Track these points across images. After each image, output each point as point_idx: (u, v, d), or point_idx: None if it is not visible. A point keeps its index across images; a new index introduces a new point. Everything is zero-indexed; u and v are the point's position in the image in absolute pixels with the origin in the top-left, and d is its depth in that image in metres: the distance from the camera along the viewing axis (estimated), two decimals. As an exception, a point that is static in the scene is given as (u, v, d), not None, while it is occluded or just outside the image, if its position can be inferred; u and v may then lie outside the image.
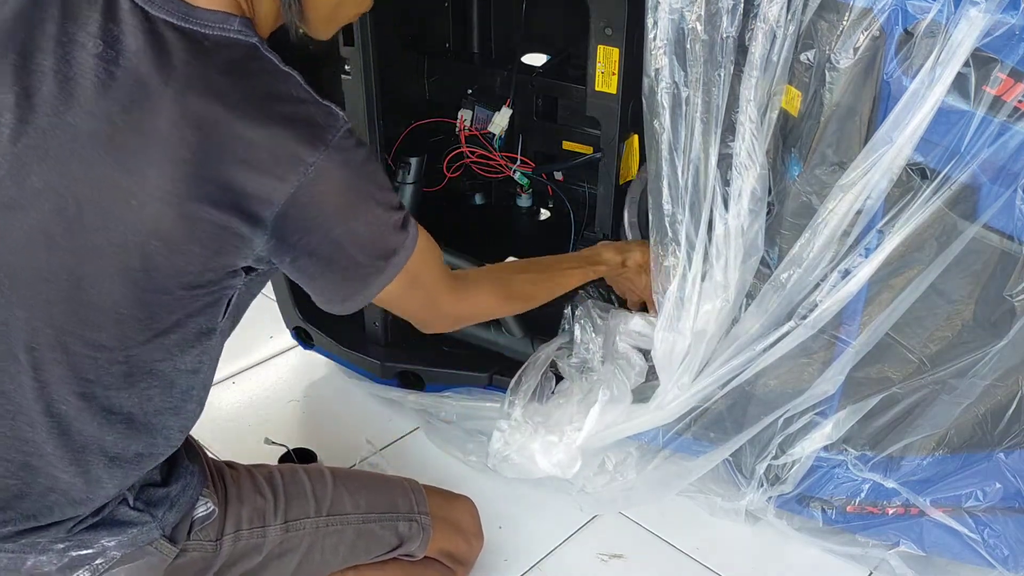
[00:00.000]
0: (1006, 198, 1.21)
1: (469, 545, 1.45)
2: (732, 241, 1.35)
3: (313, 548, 1.26)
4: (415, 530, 1.34)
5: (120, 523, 1.08)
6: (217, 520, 1.17)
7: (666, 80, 1.32)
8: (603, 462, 1.62)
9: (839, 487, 1.51)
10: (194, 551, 1.15)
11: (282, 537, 1.23)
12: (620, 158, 1.64)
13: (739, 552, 1.63)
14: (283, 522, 1.23)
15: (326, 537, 1.27)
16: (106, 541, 1.07)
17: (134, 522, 1.09)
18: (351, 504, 1.30)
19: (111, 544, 1.07)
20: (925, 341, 1.36)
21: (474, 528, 1.46)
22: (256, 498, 1.22)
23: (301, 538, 1.24)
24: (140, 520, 1.09)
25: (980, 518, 1.47)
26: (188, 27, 0.96)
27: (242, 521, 1.20)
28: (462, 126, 1.94)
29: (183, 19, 0.96)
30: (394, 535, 1.33)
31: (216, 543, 1.17)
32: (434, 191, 1.97)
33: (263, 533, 1.21)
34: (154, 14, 0.95)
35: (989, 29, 1.10)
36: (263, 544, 1.21)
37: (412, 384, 1.91)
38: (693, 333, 1.41)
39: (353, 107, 1.68)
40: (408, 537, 1.34)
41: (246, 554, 1.20)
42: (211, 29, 0.96)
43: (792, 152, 1.31)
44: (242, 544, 1.19)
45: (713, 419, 1.53)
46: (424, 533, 1.35)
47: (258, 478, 1.26)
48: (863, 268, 1.27)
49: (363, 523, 1.30)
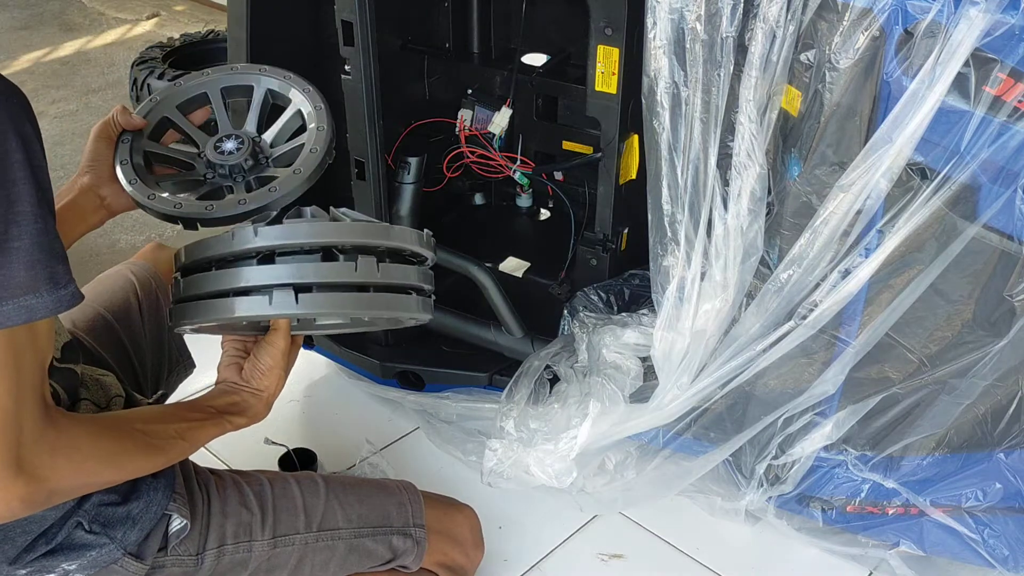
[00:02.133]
0: (1006, 198, 1.21)
1: (467, 557, 1.40)
2: (731, 241, 1.35)
3: (303, 563, 1.22)
4: (409, 544, 1.30)
5: (77, 547, 1.04)
6: (199, 534, 1.14)
7: (666, 80, 1.32)
8: (603, 462, 1.62)
9: (839, 487, 1.51)
10: (173, 566, 1.12)
11: (269, 553, 1.19)
12: (620, 158, 1.64)
13: (739, 552, 1.63)
14: (271, 537, 1.19)
15: (316, 553, 1.22)
16: (66, 565, 1.04)
17: (91, 545, 1.05)
18: (343, 518, 1.25)
19: (72, 568, 1.04)
20: (925, 341, 1.36)
21: (473, 539, 1.41)
22: (242, 512, 1.18)
23: (290, 554, 1.20)
24: (97, 543, 1.05)
25: (980, 518, 1.47)
26: None
27: (226, 536, 1.16)
28: (462, 126, 1.94)
29: None
30: (387, 549, 1.28)
31: (198, 557, 1.13)
32: (434, 191, 1.97)
33: (249, 548, 1.17)
34: None
35: (989, 29, 1.10)
36: (249, 559, 1.17)
37: (412, 384, 1.91)
38: (692, 333, 1.41)
39: (353, 107, 1.68)
40: (402, 551, 1.29)
41: (231, 569, 1.16)
42: None
43: (792, 152, 1.31)
44: (227, 559, 1.16)
45: (713, 419, 1.53)
46: (419, 547, 1.30)
47: (245, 489, 1.21)
48: (863, 268, 1.27)
49: (355, 538, 1.25)
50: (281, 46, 1.74)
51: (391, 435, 1.91)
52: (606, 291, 1.71)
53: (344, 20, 1.58)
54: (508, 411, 1.59)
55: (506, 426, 1.57)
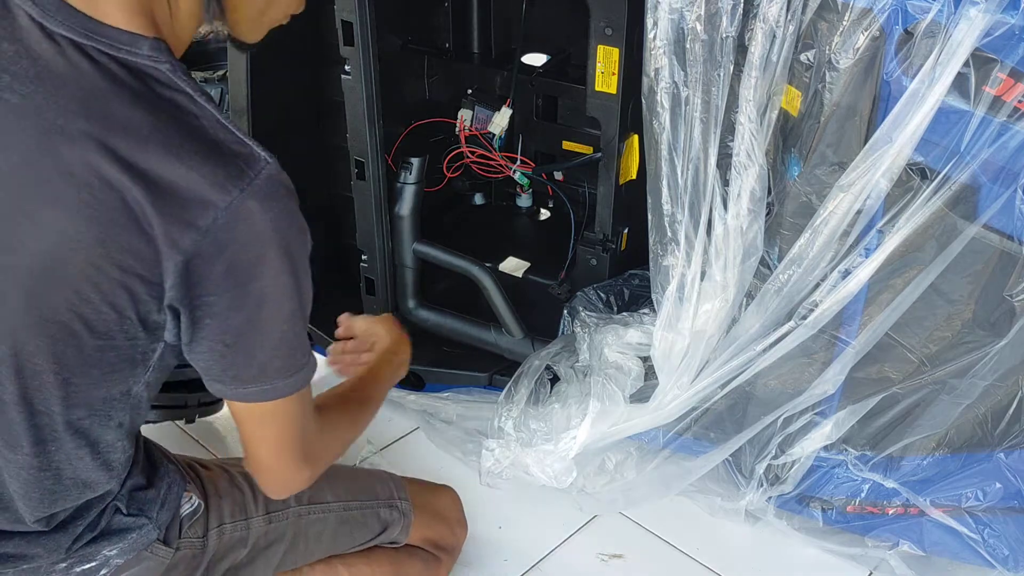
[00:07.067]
0: (1006, 198, 1.21)
1: (452, 532, 1.45)
2: (731, 241, 1.35)
3: (297, 537, 1.26)
4: (396, 516, 1.35)
5: (118, 531, 1.08)
6: (202, 516, 1.17)
7: (666, 80, 1.32)
8: (603, 462, 1.62)
9: (839, 487, 1.51)
10: (185, 549, 1.15)
11: (265, 528, 1.23)
12: (620, 158, 1.64)
13: (739, 552, 1.63)
14: (265, 513, 1.23)
15: (309, 526, 1.27)
16: (107, 551, 1.07)
17: (131, 527, 1.08)
18: (331, 493, 1.30)
19: (113, 553, 1.08)
20: (925, 341, 1.36)
21: (457, 515, 1.47)
22: (234, 492, 1.22)
23: (285, 528, 1.25)
24: (137, 524, 1.09)
25: (980, 518, 1.47)
26: (92, 45, 0.87)
27: (224, 515, 1.19)
28: (462, 126, 1.94)
29: (86, 36, 0.86)
30: (376, 520, 1.34)
31: (203, 539, 1.17)
32: (434, 191, 1.97)
33: (247, 526, 1.21)
34: (53, 30, 0.87)
35: (989, 29, 1.10)
36: (248, 536, 1.21)
37: (412, 384, 1.91)
38: (692, 333, 1.41)
39: (353, 107, 1.68)
40: (390, 522, 1.35)
41: (232, 548, 1.20)
42: (118, 51, 0.87)
43: (792, 152, 1.31)
44: (227, 538, 1.19)
45: (713, 419, 1.53)
46: (405, 518, 1.36)
47: (232, 472, 1.25)
48: (863, 268, 1.27)
49: (344, 510, 1.31)
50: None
51: (391, 435, 1.90)
52: (606, 291, 1.71)
53: (344, 20, 1.58)
54: (507, 411, 1.59)
55: (504, 426, 1.57)
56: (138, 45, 0.87)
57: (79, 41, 0.87)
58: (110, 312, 0.90)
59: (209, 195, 0.85)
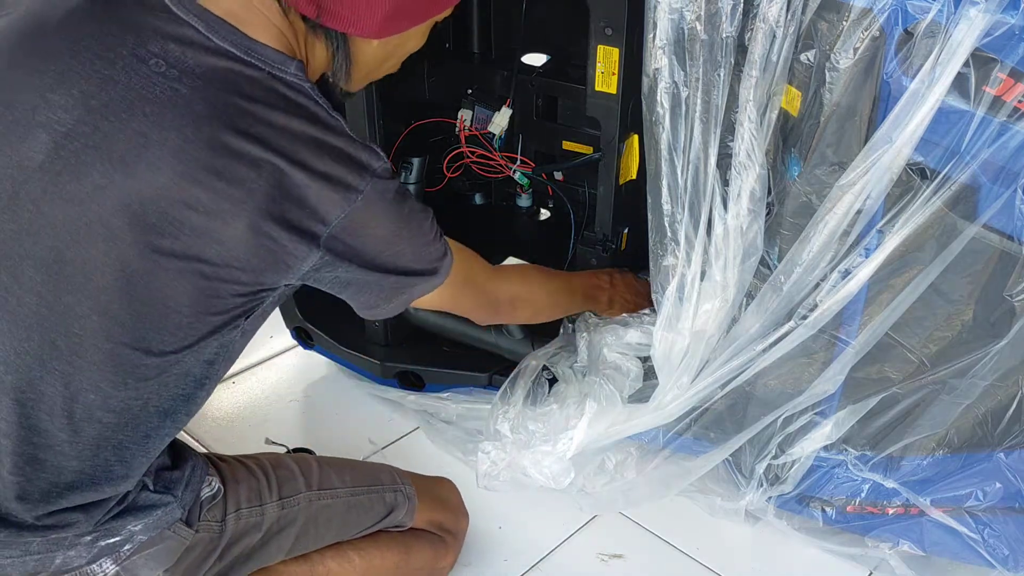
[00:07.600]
0: (1006, 198, 1.21)
1: (456, 517, 1.51)
2: (731, 241, 1.35)
3: (308, 522, 1.32)
4: (400, 499, 1.42)
5: (144, 507, 1.14)
6: (221, 500, 1.24)
7: (666, 80, 1.32)
8: (603, 462, 1.62)
9: (839, 487, 1.51)
10: (203, 532, 1.21)
11: (279, 513, 1.29)
12: (620, 158, 1.64)
13: (739, 552, 1.63)
14: (278, 499, 1.30)
15: (320, 511, 1.34)
16: (132, 526, 1.13)
17: (156, 504, 1.15)
18: (338, 480, 1.37)
19: (137, 528, 1.13)
20: (925, 341, 1.36)
21: (458, 502, 1.54)
22: (251, 479, 1.29)
23: (297, 513, 1.31)
24: (162, 502, 1.15)
25: (980, 518, 1.47)
26: (250, 61, 1.01)
27: (241, 500, 1.26)
28: (462, 126, 1.94)
29: (245, 51, 1.01)
30: (381, 504, 1.40)
31: (221, 523, 1.23)
32: (434, 191, 1.97)
33: (261, 511, 1.27)
34: (217, 42, 1.00)
35: (989, 29, 1.10)
36: (262, 521, 1.27)
37: (412, 384, 1.91)
38: (692, 333, 1.41)
39: (353, 107, 1.68)
40: (395, 505, 1.41)
41: (247, 531, 1.26)
42: (271, 68, 1.02)
43: (792, 152, 1.31)
44: (243, 522, 1.25)
45: (713, 419, 1.53)
46: (409, 502, 1.43)
47: (248, 463, 1.33)
48: (863, 268, 1.27)
49: (352, 496, 1.37)
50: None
51: (391, 435, 1.91)
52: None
53: (344, 20, 1.58)
54: (503, 413, 1.59)
55: (501, 428, 1.57)
56: (287, 64, 1.04)
57: (238, 54, 1.01)
58: (254, 276, 1.04)
59: (350, 181, 1.04)
